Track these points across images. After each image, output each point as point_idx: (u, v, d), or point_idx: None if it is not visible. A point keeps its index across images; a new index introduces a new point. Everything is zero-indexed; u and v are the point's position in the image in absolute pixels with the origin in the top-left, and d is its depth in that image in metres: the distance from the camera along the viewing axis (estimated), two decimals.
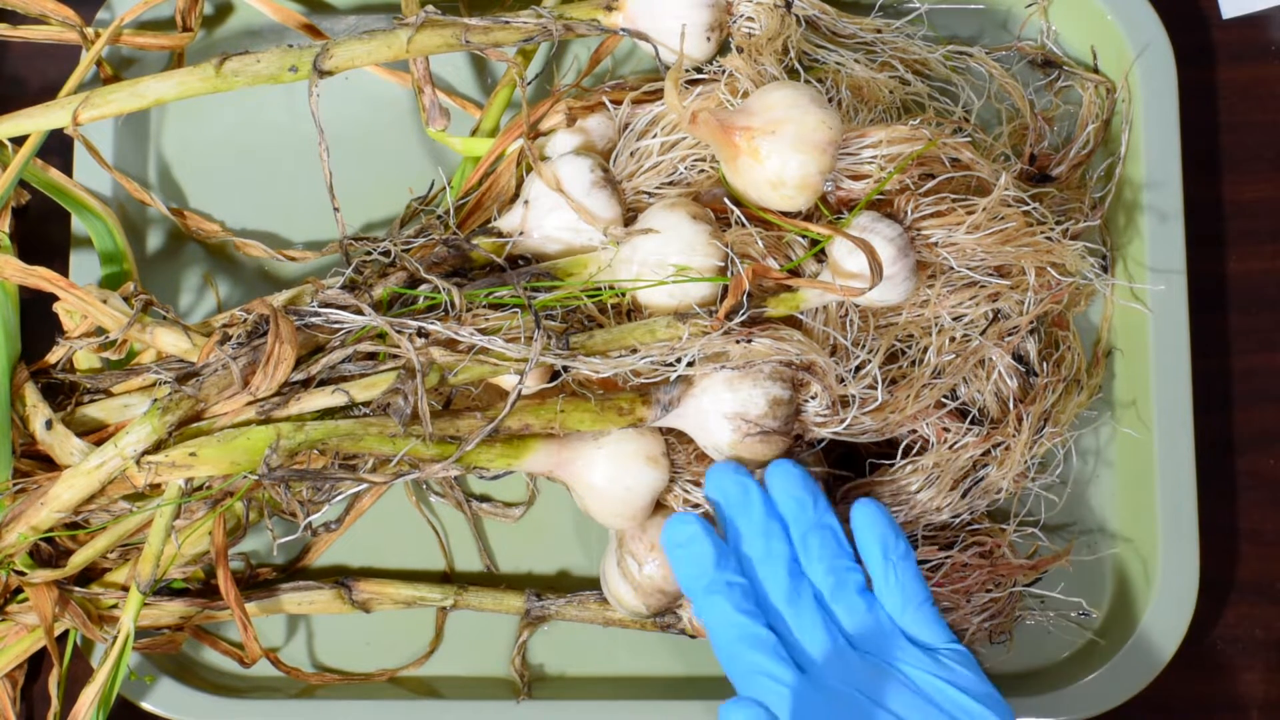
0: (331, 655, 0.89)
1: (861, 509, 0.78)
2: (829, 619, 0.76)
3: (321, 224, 0.91)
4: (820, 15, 0.86)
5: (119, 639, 0.79)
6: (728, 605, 0.75)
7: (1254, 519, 0.91)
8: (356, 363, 0.76)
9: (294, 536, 0.88)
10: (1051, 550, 0.87)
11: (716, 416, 0.78)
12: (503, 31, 0.83)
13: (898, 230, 0.78)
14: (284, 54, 0.83)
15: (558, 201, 0.80)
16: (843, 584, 0.76)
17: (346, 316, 0.77)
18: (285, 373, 0.75)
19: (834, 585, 0.76)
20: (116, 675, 0.80)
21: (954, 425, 0.84)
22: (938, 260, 0.80)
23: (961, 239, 0.79)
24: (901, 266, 0.78)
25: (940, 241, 0.79)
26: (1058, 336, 0.87)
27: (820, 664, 0.75)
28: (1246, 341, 0.93)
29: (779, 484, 0.78)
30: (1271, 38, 0.96)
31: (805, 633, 0.75)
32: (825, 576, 0.76)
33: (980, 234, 0.79)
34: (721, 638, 0.75)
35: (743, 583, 0.76)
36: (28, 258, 0.86)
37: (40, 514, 0.77)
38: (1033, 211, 0.82)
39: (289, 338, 0.75)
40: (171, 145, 0.94)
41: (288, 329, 0.75)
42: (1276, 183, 0.94)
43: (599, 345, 0.77)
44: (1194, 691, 0.89)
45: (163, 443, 0.75)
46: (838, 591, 0.76)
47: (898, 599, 0.76)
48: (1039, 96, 0.92)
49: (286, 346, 0.75)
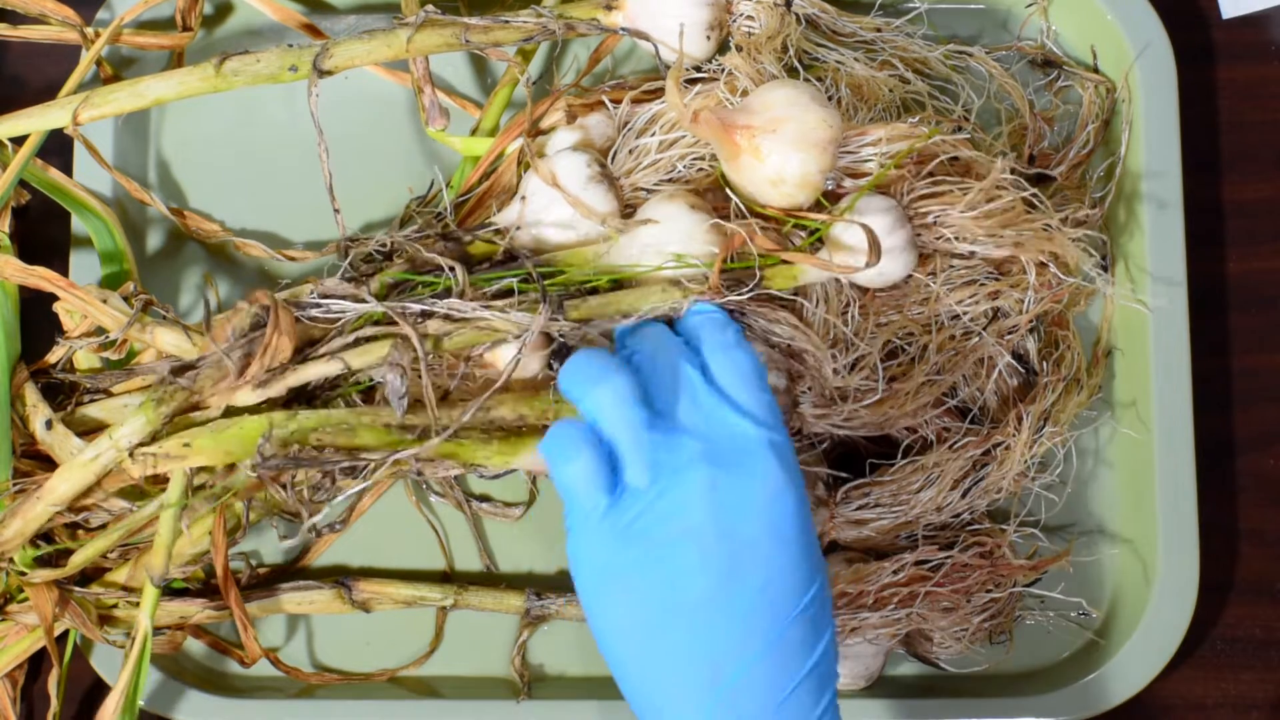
0: (331, 655, 0.89)
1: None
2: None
3: (321, 224, 0.91)
4: (820, 14, 0.87)
5: (138, 638, 0.79)
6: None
7: (1254, 519, 0.91)
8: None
9: (296, 541, 0.88)
10: (1051, 550, 0.87)
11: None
12: (503, 31, 0.83)
13: (891, 202, 0.78)
14: (284, 54, 0.83)
15: (554, 196, 0.80)
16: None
17: (347, 305, 0.77)
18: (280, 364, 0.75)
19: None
20: (139, 678, 0.80)
21: (954, 425, 0.84)
22: (936, 241, 0.79)
23: (957, 218, 0.79)
24: (898, 238, 0.78)
25: (937, 220, 0.79)
26: (1058, 336, 0.87)
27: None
28: (1246, 341, 0.93)
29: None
30: (1271, 38, 0.96)
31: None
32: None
33: (976, 212, 0.79)
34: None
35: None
36: (28, 258, 0.86)
37: (37, 508, 0.77)
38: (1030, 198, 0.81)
39: (288, 329, 0.75)
40: (171, 145, 0.94)
41: (287, 320, 0.75)
42: (1276, 183, 0.94)
43: (594, 309, 0.77)
44: (1194, 691, 0.89)
45: (157, 434, 0.75)
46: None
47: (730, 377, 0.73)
48: (1039, 96, 0.92)
49: (284, 338, 0.75)
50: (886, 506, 0.84)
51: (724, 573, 0.67)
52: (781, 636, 0.67)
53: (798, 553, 0.69)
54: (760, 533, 0.68)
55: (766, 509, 0.69)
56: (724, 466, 0.69)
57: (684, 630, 0.67)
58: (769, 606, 0.67)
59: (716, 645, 0.67)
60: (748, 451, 0.70)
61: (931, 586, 0.82)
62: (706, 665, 0.67)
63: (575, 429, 0.71)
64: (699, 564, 0.68)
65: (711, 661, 0.67)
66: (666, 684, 0.68)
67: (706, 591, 0.67)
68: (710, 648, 0.67)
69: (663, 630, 0.68)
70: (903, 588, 0.82)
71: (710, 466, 0.69)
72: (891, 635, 0.83)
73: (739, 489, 0.69)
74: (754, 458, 0.70)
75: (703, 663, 0.67)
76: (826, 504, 0.84)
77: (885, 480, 0.84)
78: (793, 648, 0.67)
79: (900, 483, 0.83)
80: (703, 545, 0.68)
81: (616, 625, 0.69)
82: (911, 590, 0.82)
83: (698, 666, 0.67)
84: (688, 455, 0.69)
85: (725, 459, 0.69)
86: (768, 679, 0.67)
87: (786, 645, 0.67)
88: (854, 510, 0.84)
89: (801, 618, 0.68)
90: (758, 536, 0.68)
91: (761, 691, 0.66)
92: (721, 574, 0.67)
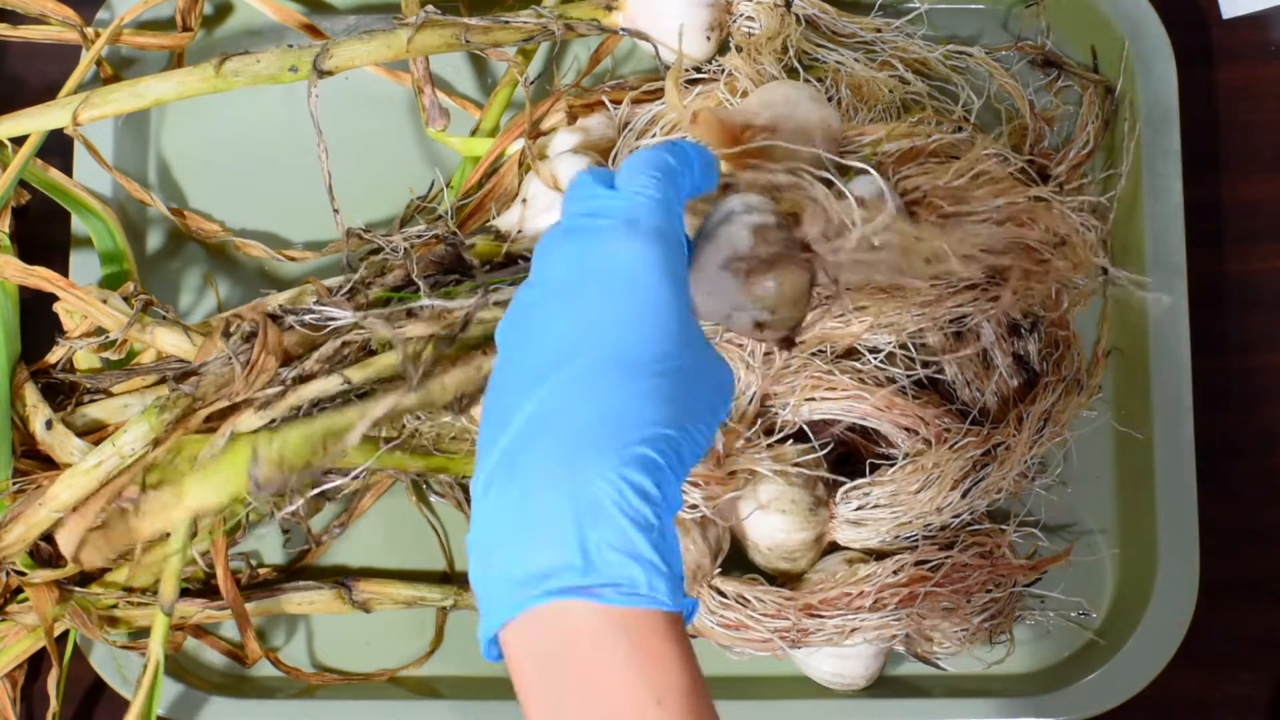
0: (331, 655, 0.89)
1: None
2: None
3: (321, 224, 0.91)
4: (820, 14, 0.87)
5: (150, 667, 0.80)
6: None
7: (1254, 519, 0.91)
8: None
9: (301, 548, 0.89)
10: (1051, 550, 0.87)
11: (710, 271, 0.68)
12: (503, 31, 0.83)
13: (876, 176, 0.76)
14: (284, 54, 0.83)
15: (555, 199, 0.80)
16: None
17: (336, 313, 0.77)
18: (265, 380, 0.76)
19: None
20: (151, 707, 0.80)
21: (954, 425, 0.84)
22: (931, 216, 0.78)
23: (946, 188, 0.78)
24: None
25: (926, 192, 0.78)
26: (1058, 336, 0.87)
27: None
28: (1246, 341, 0.93)
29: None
30: (1271, 38, 0.96)
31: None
32: None
33: (964, 179, 0.78)
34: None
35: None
36: (28, 258, 0.86)
37: (39, 514, 0.77)
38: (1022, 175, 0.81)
39: (274, 348, 0.76)
40: (171, 145, 0.94)
41: (274, 338, 0.76)
42: (1276, 183, 0.94)
43: None
44: (1194, 691, 0.89)
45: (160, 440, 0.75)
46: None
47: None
48: (1039, 96, 0.92)
49: (270, 357, 0.76)
50: (886, 507, 0.84)
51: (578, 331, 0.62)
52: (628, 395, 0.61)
53: (651, 322, 0.62)
54: (610, 302, 0.63)
55: (622, 281, 0.63)
56: (584, 241, 0.64)
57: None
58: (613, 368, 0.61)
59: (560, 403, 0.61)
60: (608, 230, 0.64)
61: (931, 587, 0.82)
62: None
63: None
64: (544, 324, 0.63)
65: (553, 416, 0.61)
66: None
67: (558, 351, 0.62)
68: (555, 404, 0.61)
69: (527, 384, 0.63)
70: (903, 588, 0.82)
71: (571, 240, 0.64)
72: (891, 635, 0.83)
73: (596, 261, 0.63)
74: (612, 235, 0.64)
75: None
76: (826, 504, 0.84)
77: (885, 480, 0.84)
78: (634, 411, 0.61)
79: (900, 483, 0.83)
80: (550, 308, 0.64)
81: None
82: (911, 590, 0.82)
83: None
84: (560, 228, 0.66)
85: (586, 234, 0.64)
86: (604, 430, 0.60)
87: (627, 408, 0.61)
88: (854, 510, 0.84)
89: (654, 381, 0.61)
90: (608, 305, 0.63)
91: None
92: (574, 332, 0.62)
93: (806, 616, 0.82)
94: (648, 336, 0.62)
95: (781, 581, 0.86)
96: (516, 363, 0.63)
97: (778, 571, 0.85)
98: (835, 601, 0.83)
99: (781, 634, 0.82)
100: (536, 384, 0.61)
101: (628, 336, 0.62)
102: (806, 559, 0.85)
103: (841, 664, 0.84)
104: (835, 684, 0.85)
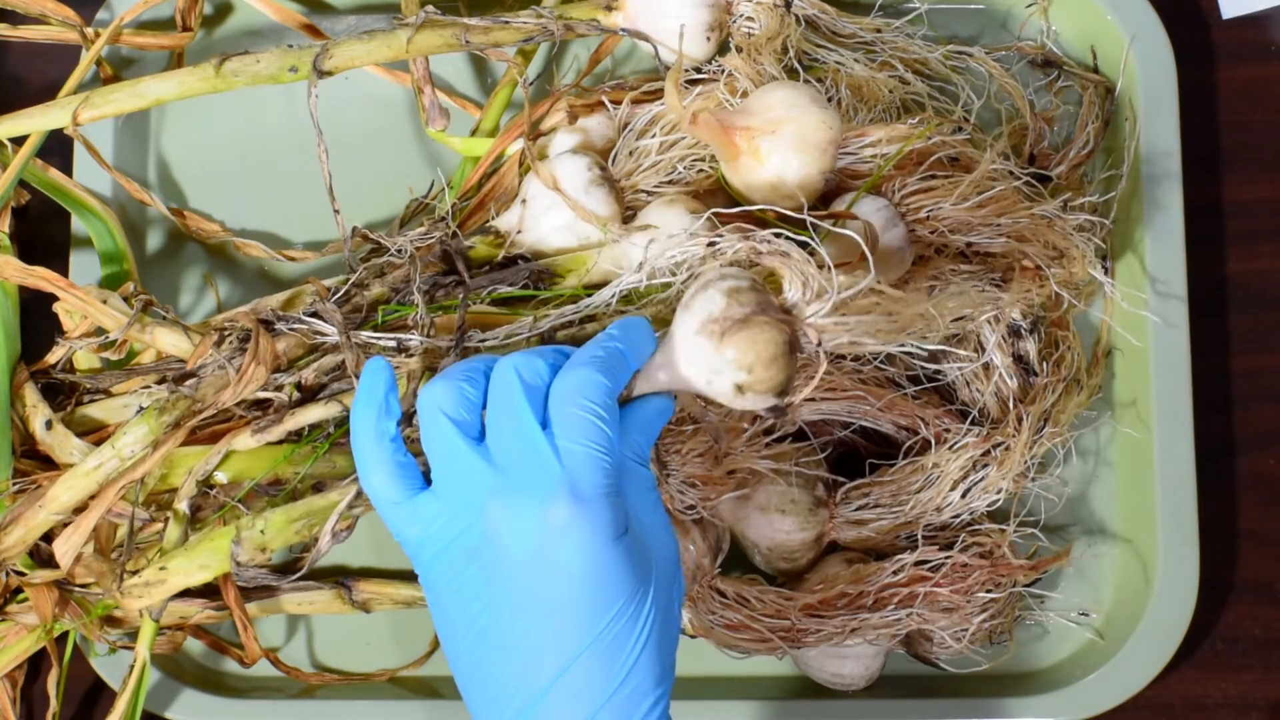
0: (331, 655, 0.89)
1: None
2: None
3: (321, 224, 0.91)
4: (820, 15, 0.87)
5: (135, 669, 0.80)
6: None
7: (1254, 519, 0.91)
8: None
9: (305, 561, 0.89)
10: (1051, 550, 0.87)
11: (686, 338, 0.68)
12: (503, 31, 0.83)
13: (883, 202, 0.78)
14: (284, 54, 0.83)
15: (554, 200, 0.80)
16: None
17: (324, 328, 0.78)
18: (254, 389, 0.76)
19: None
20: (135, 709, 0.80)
21: (954, 425, 0.84)
22: (932, 236, 0.79)
23: (951, 211, 0.79)
24: (893, 236, 0.78)
25: (931, 214, 0.79)
26: (1058, 336, 0.87)
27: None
28: (1246, 341, 0.93)
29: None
30: (1271, 38, 0.96)
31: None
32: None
33: (970, 203, 0.78)
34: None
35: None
36: (28, 258, 0.86)
37: (39, 516, 0.77)
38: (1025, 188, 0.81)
39: (264, 357, 0.76)
40: (171, 145, 0.94)
41: (265, 347, 0.76)
42: (1276, 183, 0.94)
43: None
44: (1194, 691, 0.89)
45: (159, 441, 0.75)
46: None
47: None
48: (1039, 96, 0.92)
49: (260, 368, 0.76)
50: (886, 507, 0.84)
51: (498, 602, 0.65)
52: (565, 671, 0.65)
53: (580, 590, 0.64)
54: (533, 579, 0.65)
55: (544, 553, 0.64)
56: (511, 499, 0.65)
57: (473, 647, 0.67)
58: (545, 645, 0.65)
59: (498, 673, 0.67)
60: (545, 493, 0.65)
61: (931, 587, 0.82)
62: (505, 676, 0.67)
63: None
64: (480, 588, 0.66)
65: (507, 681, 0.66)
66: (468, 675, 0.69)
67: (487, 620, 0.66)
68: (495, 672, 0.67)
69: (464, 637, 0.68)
70: (903, 588, 0.82)
71: (498, 499, 0.65)
72: (891, 635, 0.83)
73: (521, 525, 0.65)
74: (548, 498, 0.64)
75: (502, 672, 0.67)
76: (826, 504, 0.84)
77: (885, 480, 0.84)
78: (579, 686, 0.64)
79: (900, 483, 0.83)
80: (480, 571, 0.66)
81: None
82: (911, 590, 0.82)
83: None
84: (485, 486, 0.66)
85: (515, 490, 0.65)
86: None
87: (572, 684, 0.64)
88: (854, 510, 0.84)
89: (590, 654, 0.64)
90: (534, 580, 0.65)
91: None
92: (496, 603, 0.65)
93: (806, 616, 0.82)
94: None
95: (781, 581, 0.86)
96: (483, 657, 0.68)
97: (778, 571, 0.86)
98: (835, 601, 0.83)
99: (781, 634, 0.82)
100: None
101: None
102: (806, 559, 0.85)
103: (841, 664, 0.84)
104: (835, 684, 0.85)
